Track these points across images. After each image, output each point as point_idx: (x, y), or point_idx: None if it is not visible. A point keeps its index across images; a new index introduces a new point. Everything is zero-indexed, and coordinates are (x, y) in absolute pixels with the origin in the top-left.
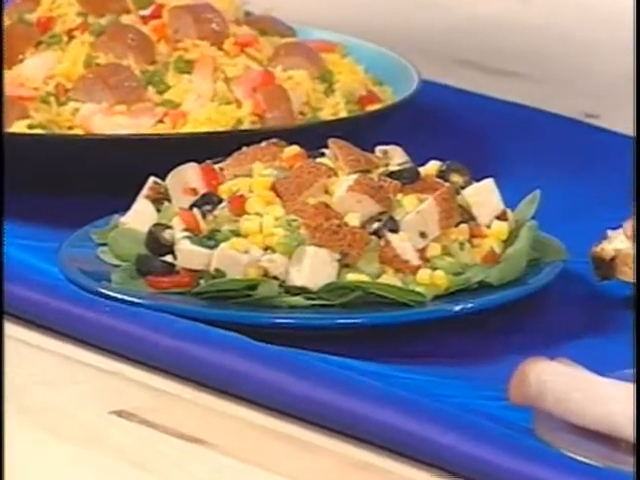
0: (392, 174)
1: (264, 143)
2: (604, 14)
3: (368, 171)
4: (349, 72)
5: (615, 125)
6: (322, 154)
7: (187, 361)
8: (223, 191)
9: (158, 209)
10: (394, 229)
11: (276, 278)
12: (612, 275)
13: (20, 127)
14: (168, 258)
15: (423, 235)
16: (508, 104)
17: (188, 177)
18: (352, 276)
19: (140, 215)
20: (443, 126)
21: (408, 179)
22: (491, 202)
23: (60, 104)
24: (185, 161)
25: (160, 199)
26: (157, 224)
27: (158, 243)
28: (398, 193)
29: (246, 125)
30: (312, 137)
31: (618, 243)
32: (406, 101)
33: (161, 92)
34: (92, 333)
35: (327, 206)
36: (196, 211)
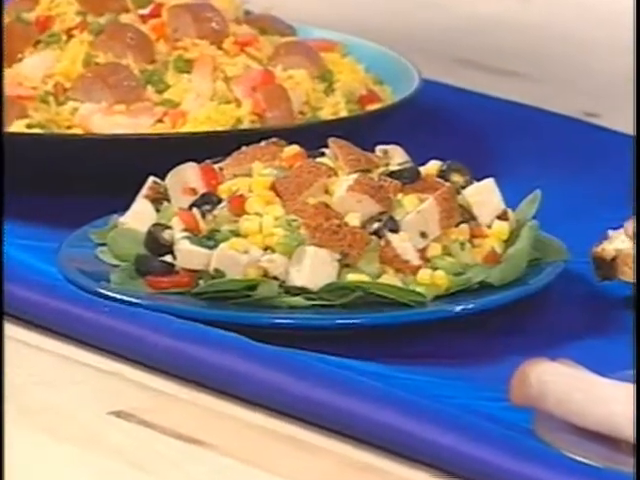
0: (392, 174)
1: (264, 143)
2: (603, 13)
3: (368, 171)
4: (349, 71)
5: (616, 124)
6: (322, 154)
7: (186, 361)
8: (223, 191)
9: (157, 209)
10: (394, 229)
11: (276, 278)
12: (613, 275)
13: (19, 126)
14: (167, 258)
15: (423, 235)
16: (508, 103)
17: (187, 177)
18: (352, 276)
19: (139, 215)
20: (443, 126)
21: (408, 179)
22: (492, 202)
23: (59, 103)
24: (184, 161)
25: (159, 199)
26: (156, 224)
27: (157, 243)
28: (398, 193)
29: (246, 125)
30: (312, 137)
31: (619, 243)
32: (406, 101)
33: (160, 91)
34: (91, 333)
35: (327, 206)
36: (195, 211)
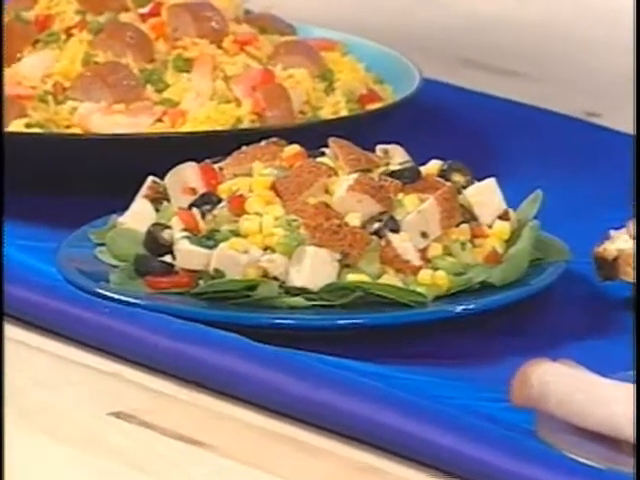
0: (393, 173)
1: (264, 142)
2: (601, 11)
3: (369, 170)
4: (349, 70)
5: (617, 124)
6: (322, 153)
7: (186, 362)
8: (222, 191)
9: (157, 209)
10: (395, 229)
11: (276, 278)
12: (615, 275)
13: (18, 126)
14: (167, 258)
15: (424, 235)
16: (509, 103)
17: (187, 176)
18: (353, 276)
19: (139, 215)
20: (444, 125)
21: (409, 178)
22: (493, 202)
23: (58, 103)
24: (184, 160)
25: (159, 199)
26: (156, 224)
27: (157, 243)
28: (399, 193)
29: (246, 124)
30: (312, 136)
31: (621, 243)
32: (407, 100)
33: (160, 91)
34: (90, 334)
35: (327, 206)
36: (195, 211)
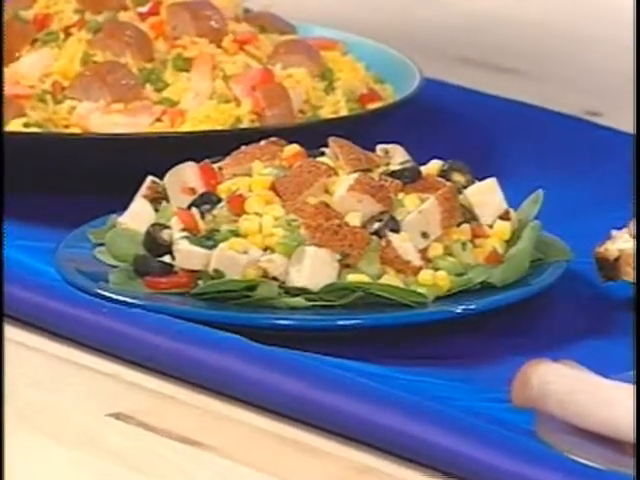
0: (393, 173)
1: (263, 142)
2: (600, 9)
3: (369, 170)
4: (350, 70)
5: (618, 123)
6: (322, 153)
7: (186, 363)
8: (222, 190)
9: (156, 209)
10: (395, 229)
11: (276, 279)
12: (616, 276)
13: (16, 126)
14: (166, 258)
15: (425, 235)
16: (510, 102)
17: (186, 176)
18: (353, 277)
19: (138, 215)
20: (444, 125)
21: (409, 178)
22: (493, 202)
23: (57, 102)
24: (183, 160)
25: (158, 199)
26: (155, 224)
27: (156, 243)
28: (399, 192)
29: (245, 124)
30: (312, 136)
31: (622, 243)
32: (407, 99)
33: (159, 90)
34: (89, 334)
35: (327, 206)
36: (194, 211)
